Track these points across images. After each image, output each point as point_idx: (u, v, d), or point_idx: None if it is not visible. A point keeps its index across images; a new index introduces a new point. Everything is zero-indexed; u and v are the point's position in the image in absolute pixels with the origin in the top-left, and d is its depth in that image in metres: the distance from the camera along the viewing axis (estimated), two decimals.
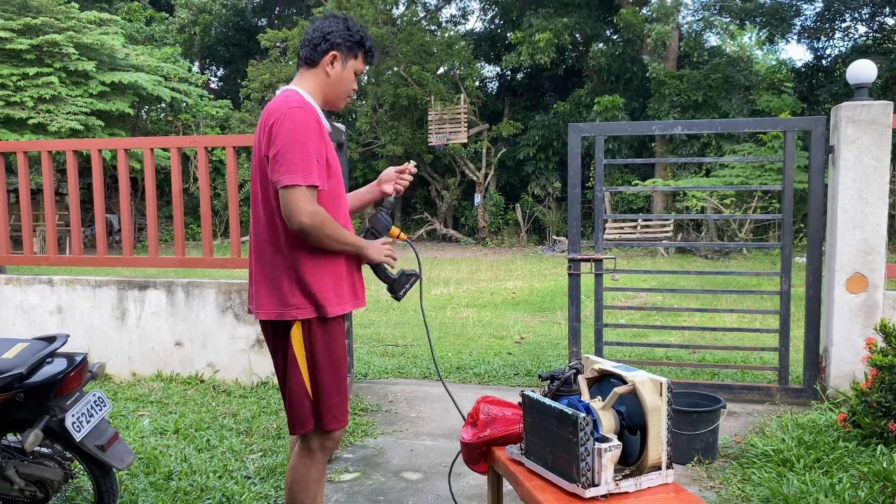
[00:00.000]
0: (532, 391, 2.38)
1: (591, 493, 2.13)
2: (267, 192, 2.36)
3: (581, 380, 2.43)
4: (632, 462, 2.27)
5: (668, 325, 6.83)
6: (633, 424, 2.27)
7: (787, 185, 4.57)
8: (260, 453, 3.80)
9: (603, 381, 2.42)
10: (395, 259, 2.58)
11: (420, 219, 22.67)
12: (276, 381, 3.80)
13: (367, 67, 2.56)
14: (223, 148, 6.25)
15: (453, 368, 5.65)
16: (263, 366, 4.90)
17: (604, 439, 2.19)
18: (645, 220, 17.46)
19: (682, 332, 6.88)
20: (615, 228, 17.25)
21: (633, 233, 17.31)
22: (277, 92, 2.49)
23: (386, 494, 3.39)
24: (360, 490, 3.44)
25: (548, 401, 2.27)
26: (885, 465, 3.22)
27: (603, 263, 4.82)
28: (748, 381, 5.05)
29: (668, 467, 2.26)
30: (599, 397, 2.36)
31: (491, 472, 2.68)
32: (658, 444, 2.22)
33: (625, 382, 2.28)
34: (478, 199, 20.94)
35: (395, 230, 2.70)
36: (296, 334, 2.37)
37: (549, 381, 2.50)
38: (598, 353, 4.85)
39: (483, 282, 12.03)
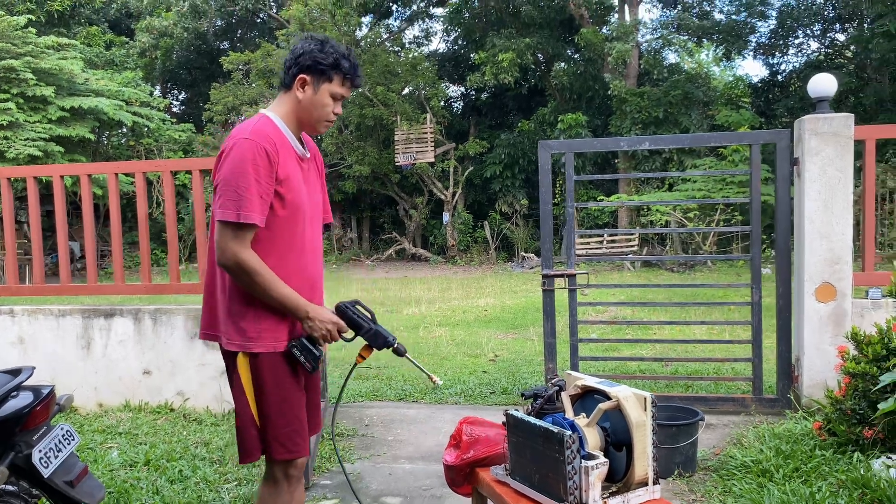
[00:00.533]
0: (515, 410, 2.35)
1: None
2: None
3: (564, 397, 2.42)
4: (618, 479, 2.25)
5: (641, 338, 6.87)
6: (618, 441, 2.26)
7: (754, 197, 4.64)
8: (235, 482, 3.70)
9: (586, 398, 2.41)
10: (331, 342, 2.34)
11: (389, 238, 22.62)
12: None
13: (352, 90, 2.42)
14: (187, 171, 6.16)
15: (429, 389, 5.59)
16: None
17: (590, 457, 2.17)
18: (611, 235, 17.63)
19: (654, 346, 6.92)
20: (582, 244, 17.38)
21: (600, 248, 17.46)
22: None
23: None
24: None
25: (532, 419, 2.25)
26: (862, 473, 3.25)
27: (576, 279, 4.83)
28: (722, 392, 5.08)
29: (654, 483, 2.24)
30: (584, 414, 2.34)
31: (475, 495, 2.63)
32: (644, 459, 2.21)
33: (608, 398, 2.27)
34: (446, 217, 20.97)
35: (366, 352, 2.43)
36: (242, 363, 2.30)
37: (532, 399, 2.47)
38: (574, 368, 4.85)
39: (454, 300, 12.01)
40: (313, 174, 2.47)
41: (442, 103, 21.88)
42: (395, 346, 2.41)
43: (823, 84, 4.51)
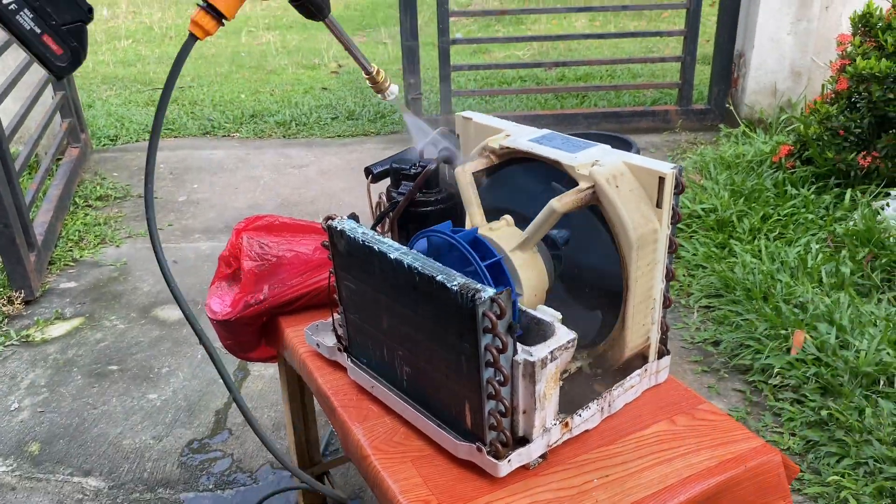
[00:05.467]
0: (348, 220, 0.96)
1: (511, 463, 0.87)
2: None
3: (462, 176, 1.04)
4: (587, 343, 1.02)
5: (525, 35, 5.45)
6: (588, 270, 0.99)
7: None
8: None
9: (508, 173, 1.06)
10: None
11: None
12: None
13: None
14: None
15: (247, 117, 4.07)
16: None
17: (534, 326, 0.89)
18: None
19: (538, 46, 5.51)
20: None
21: None
22: None
23: (122, 359, 2.01)
24: (78, 356, 2.03)
25: (393, 246, 0.89)
26: (865, 222, 2.25)
27: None
28: (631, 105, 3.92)
29: (660, 355, 1.03)
30: (507, 217, 1.00)
31: (283, 366, 1.35)
32: (646, 312, 0.97)
33: (567, 178, 0.93)
34: None
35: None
36: None
37: (387, 180, 1.10)
38: (445, 81, 3.47)
39: None
40: None
41: None
42: None
43: None
